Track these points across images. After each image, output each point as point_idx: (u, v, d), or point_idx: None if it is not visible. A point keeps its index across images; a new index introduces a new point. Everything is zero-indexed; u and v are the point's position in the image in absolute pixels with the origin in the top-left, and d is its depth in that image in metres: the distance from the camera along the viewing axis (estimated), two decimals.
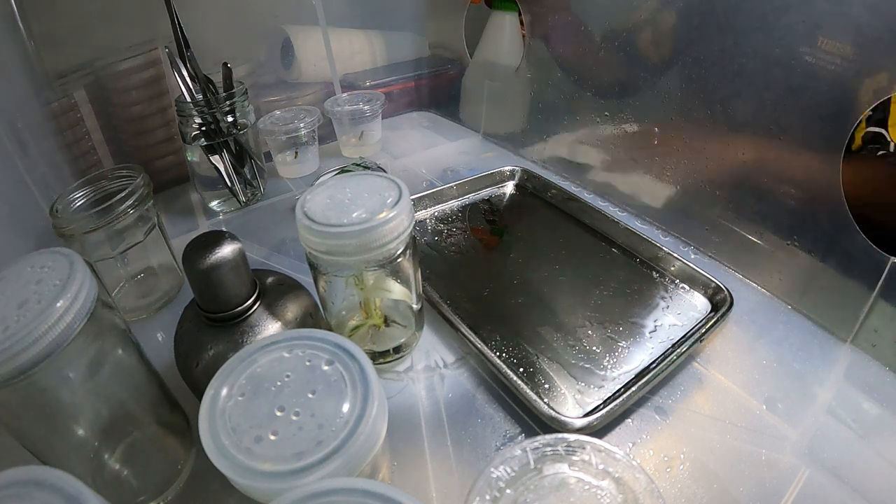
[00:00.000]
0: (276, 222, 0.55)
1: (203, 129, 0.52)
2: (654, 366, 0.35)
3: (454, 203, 0.56)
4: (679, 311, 0.40)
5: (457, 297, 0.42)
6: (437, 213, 0.55)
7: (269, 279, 0.33)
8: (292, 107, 0.65)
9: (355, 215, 0.29)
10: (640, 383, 0.33)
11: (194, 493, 0.29)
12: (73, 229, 0.37)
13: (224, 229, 0.31)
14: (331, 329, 0.35)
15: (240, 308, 0.29)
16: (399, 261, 0.32)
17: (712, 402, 0.33)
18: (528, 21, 0.61)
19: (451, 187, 0.57)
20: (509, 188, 0.59)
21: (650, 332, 0.39)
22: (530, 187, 0.58)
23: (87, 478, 0.26)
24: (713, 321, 0.37)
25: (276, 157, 0.64)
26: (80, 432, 0.26)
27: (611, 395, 0.34)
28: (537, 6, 0.59)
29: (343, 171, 0.55)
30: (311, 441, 0.19)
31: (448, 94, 0.78)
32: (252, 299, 0.30)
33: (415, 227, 0.33)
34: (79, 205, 0.39)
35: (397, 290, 0.35)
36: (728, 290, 0.39)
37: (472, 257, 0.48)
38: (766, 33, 0.37)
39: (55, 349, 0.21)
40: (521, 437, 0.32)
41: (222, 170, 0.53)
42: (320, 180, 0.39)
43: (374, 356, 0.36)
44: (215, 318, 0.29)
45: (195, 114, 0.51)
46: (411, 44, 0.78)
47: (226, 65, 0.52)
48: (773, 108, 0.38)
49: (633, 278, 0.44)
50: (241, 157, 0.55)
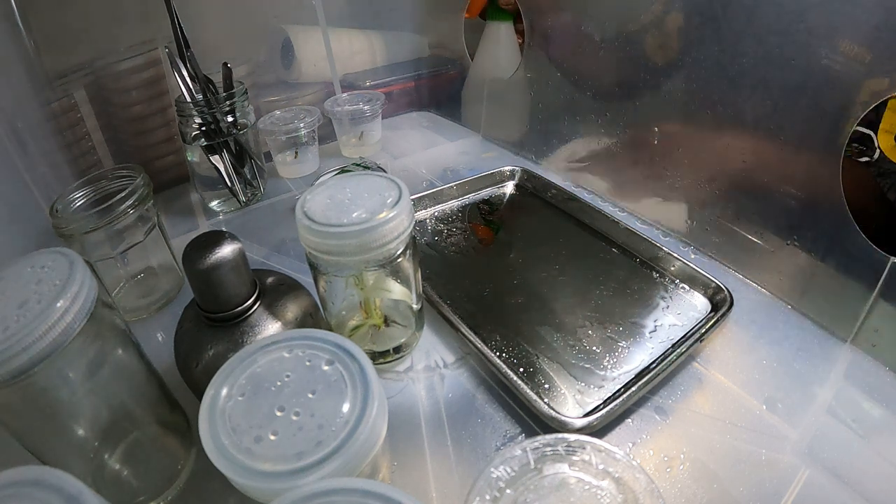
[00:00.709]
0: (276, 222, 0.55)
1: (203, 129, 0.52)
2: (654, 366, 0.35)
3: (454, 203, 0.56)
4: (679, 311, 0.40)
5: (457, 297, 0.42)
6: (437, 213, 0.55)
7: (269, 279, 0.33)
8: (292, 107, 0.65)
9: (355, 215, 0.29)
10: (640, 383, 0.33)
11: (194, 493, 0.29)
12: (73, 229, 0.37)
13: (224, 229, 0.31)
14: (331, 329, 0.35)
15: (240, 308, 0.29)
16: (399, 261, 0.32)
17: (712, 402, 0.33)
18: (527, 25, 0.61)
19: (451, 187, 0.57)
20: (509, 188, 0.59)
21: (650, 332, 0.39)
22: (530, 187, 0.58)
23: (87, 478, 0.26)
24: (713, 321, 0.37)
25: (276, 157, 0.64)
26: (80, 432, 0.26)
27: (611, 395, 0.34)
28: (536, 10, 0.59)
29: (343, 171, 0.55)
30: (311, 441, 0.19)
31: (448, 94, 0.78)
32: (252, 299, 0.30)
33: (415, 227, 0.33)
34: (79, 205, 0.39)
35: (397, 290, 0.35)
36: (728, 290, 0.39)
37: (472, 257, 0.48)
38: (766, 34, 0.37)
39: (55, 349, 0.21)
40: (521, 437, 0.32)
41: (222, 170, 0.53)
42: (320, 180, 0.39)
43: (374, 356, 0.36)
44: (215, 318, 0.29)
45: (195, 114, 0.51)
46: (411, 44, 0.78)
47: (226, 65, 0.52)
48: (773, 108, 0.38)
49: (633, 278, 0.44)
50: (241, 157, 0.55)
